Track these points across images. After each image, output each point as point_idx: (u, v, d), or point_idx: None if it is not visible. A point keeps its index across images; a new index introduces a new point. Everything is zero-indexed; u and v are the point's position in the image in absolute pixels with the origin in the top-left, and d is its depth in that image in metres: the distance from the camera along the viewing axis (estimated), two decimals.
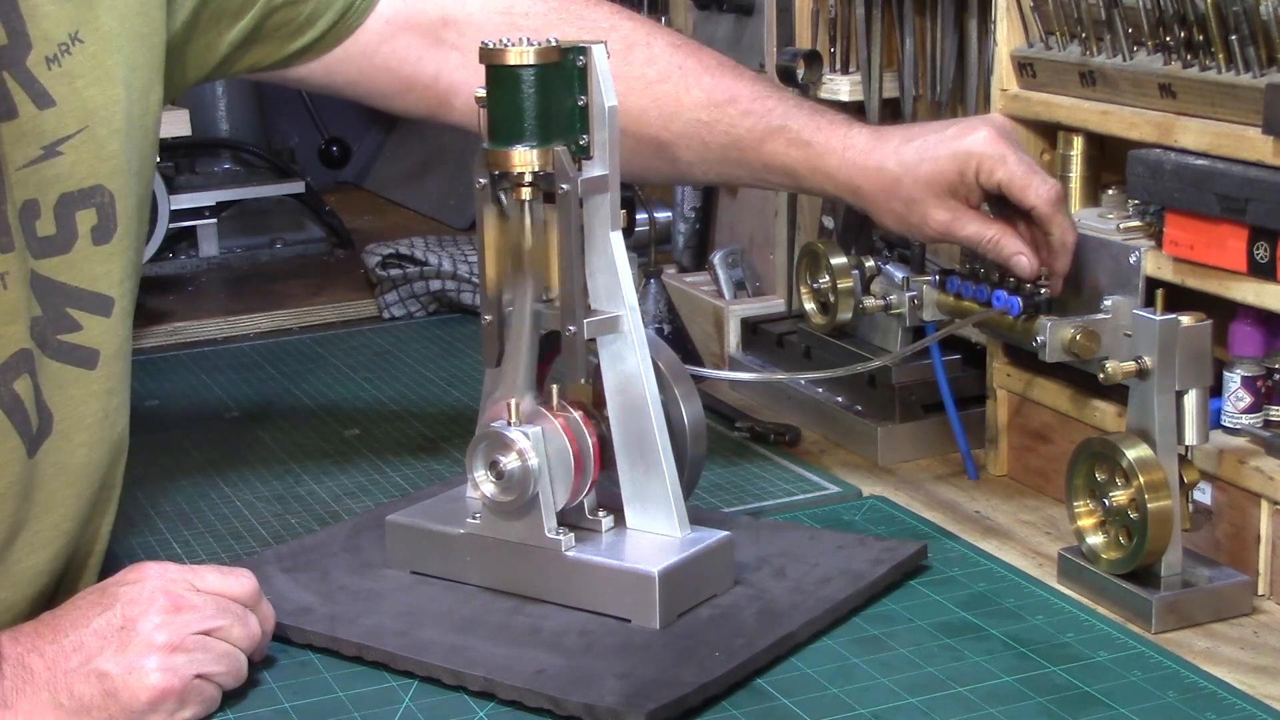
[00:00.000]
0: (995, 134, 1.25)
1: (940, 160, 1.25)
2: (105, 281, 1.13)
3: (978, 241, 1.26)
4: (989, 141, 1.24)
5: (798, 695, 1.05)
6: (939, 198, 1.26)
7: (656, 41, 1.34)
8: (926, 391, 1.47)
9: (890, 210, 1.28)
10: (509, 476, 1.13)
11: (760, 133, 1.31)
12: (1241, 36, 1.13)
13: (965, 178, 1.25)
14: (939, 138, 1.26)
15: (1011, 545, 1.29)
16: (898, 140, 1.28)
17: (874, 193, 1.28)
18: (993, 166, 1.24)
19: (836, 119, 1.31)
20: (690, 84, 1.33)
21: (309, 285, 2.15)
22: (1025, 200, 1.24)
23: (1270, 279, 1.12)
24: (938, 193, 1.26)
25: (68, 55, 1.09)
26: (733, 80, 1.33)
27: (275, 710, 1.05)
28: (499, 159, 1.12)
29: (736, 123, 1.32)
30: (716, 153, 1.33)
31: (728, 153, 1.33)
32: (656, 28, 1.37)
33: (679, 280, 1.85)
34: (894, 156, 1.27)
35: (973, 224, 1.26)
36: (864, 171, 1.28)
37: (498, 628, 1.12)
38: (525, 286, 1.15)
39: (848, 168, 1.28)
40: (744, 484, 1.43)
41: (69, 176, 1.10)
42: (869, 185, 1.28)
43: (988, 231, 1.26)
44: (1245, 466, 1.17)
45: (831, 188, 1.31)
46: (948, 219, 1.26)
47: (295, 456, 1.53)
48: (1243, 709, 1.02)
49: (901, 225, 1.29)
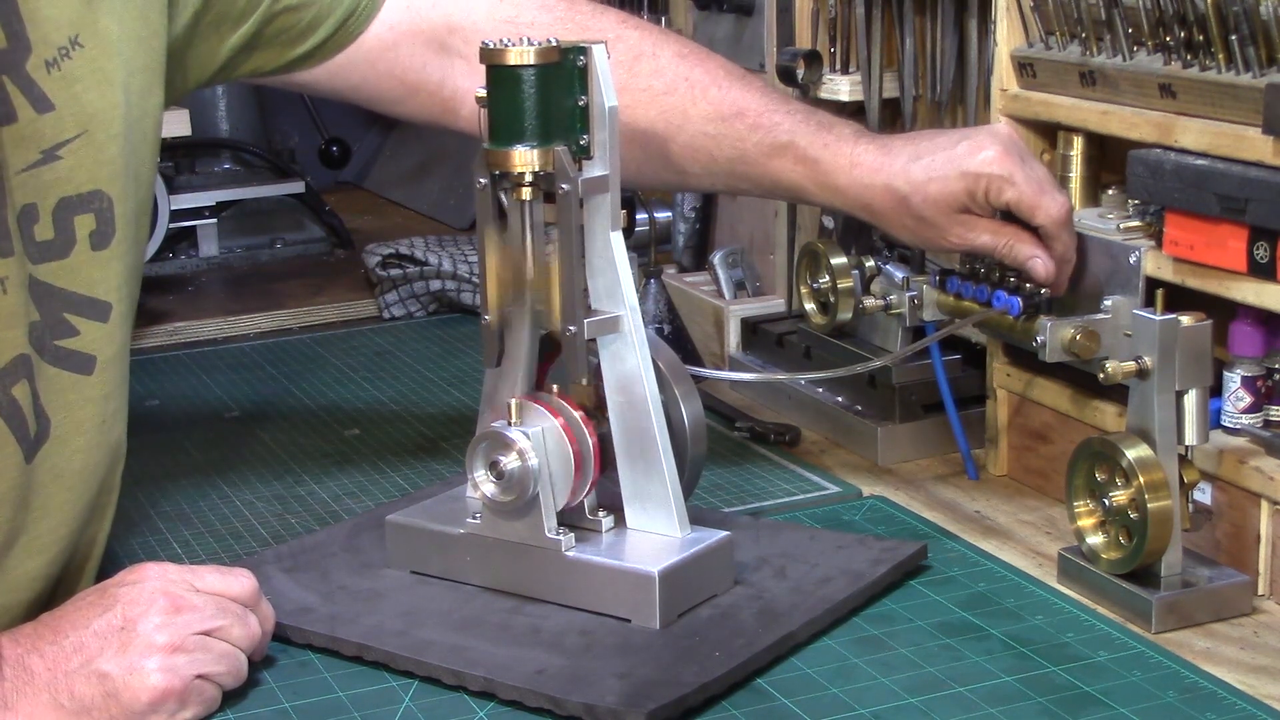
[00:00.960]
0: (1003, 152, 1.25)
1: (949, 181, 1.25)
2: (103, 287, 1.13)
3: (992, 249, 1.27)
4: (997, 162, 1.25)
5: (798, 695, 1.05)
6: (950, 216, 1.27)
7: (663, 52, 1.34)
8: (926, 391, 1.47)
9: (902, 226, 1.29)
10: (509, 476, 1.13)
11: (767, 148, 1.31)
12: (1241, 36, 1.13)
13: (975, 198, 1.26)
14: (947, 156, 1.26)
15: (1011, 545, 1.29)
16: (905, 158, 1.28)
17: (884, 210, 1.29)
18: (1001, 187, 1.24)
19: (844, 133, 1.31)
20: (697, 96, 1.32)
21: (309, 285, 2.15)
22: (1033, 220, 1.25)
23: (1270, 279, 1.12)
24: (947, 210, 1.26)
25: (67, 59, 1.09)
26: (741, 92, 1.33)
27: (275, 710, 1.05)
28: (499, 159, 1.12)
29: (744, 137, 1.31)
30: (724, 166, 1.33)
31: (735, 166, 1.33)
32: (663, 36, 1.37)
33: (679, 280, 1.85)
34: (902, 176, 1.27)
35: (985, 233, 1.27)
36: (872, 190, 1.28)
37: (498, 628, 1.12)
38: (526, 298, 1.15)
39: (856, 186, 1.29)
40: (744, 484, 1.43)
41: (68, 181, 1.10)
42: (878, 203, 1.28)
43: (1001, 239, 1.27)
44: (1245, 466, 1.17)
45: (841, 204, 1.32)
46: (963, 232, 1.27)
47: (295, 456, 1.53)
48: (1243, 709, 1.02)
49: (915, 239, 1.31)
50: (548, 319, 1.15)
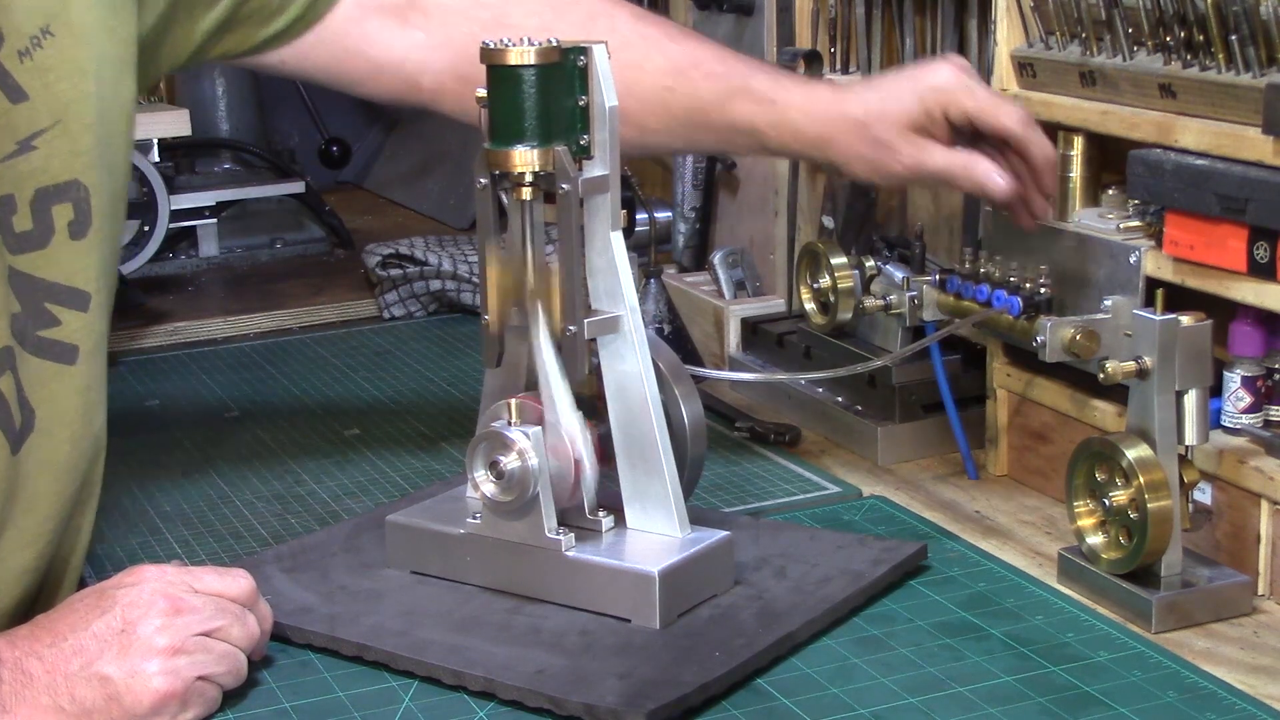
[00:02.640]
0: (958, 71, 1.28)
1: (904, 99, 1.27)
2: (83, 276, 1.13)
3: (947, 170, 1.27)
4: (953, 76, 1.27)
5: (798, 695, 1.05)
6: (906, 136, 1.27)
7: (619, 12, 1.35)
8: (926, 391, 1.47)
9: (859, 155, 1.29)
10: (509, 476, 1.13)
11: (723, 94, 1.32)
12: (1241, 36, 1.13)
13: (932, 115, 1.26)
14: (901, 79, 1.29)
15: (1011, 545, 1.29)
16: (860, 88, 1.31)
17: (840, 140, 1.29)
18: (960, 98, 1.26)
19: (798, 77, 1.34)
20: (652, 51, 1.33)
21: (309, 285, 2.15)
22: (998, 124, 1.25)
23: (1270, 279, 1.12)
24: (904, 132, 1.27)
25: (39, 49, 1.08)
26: (695, 45, 1.35)
27: (275, 710, 1.05)
28: (499, 159, 1.12)
29: (700, 85, 1.33)
30: (681, 117, 1.34)
31: (692, 116, 1.34)
32: (621, 2, 1.38)
33: (679, 280, 1.85)
34: (858, 103, 1.29)
35: (940, 154, 1.27)
36: (829, 121, 1.29)
37: (498, 628, 1.12)
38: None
39: (812, 120, 1.30)
40: (744, 484, 1.43)
41: (44, 171, 1.09)
42: (835, 133, 1.29)
43: (957, 158, 1.27)
44: (1245, 466, 1.17)
45: (797, 144, 1.33)
46: (915, 153, 1.27)
47: (295, 456, 1.53)
48: (1243, 709, 1.02)
49: (870, 170, 1.31)
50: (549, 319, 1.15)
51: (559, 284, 1.13)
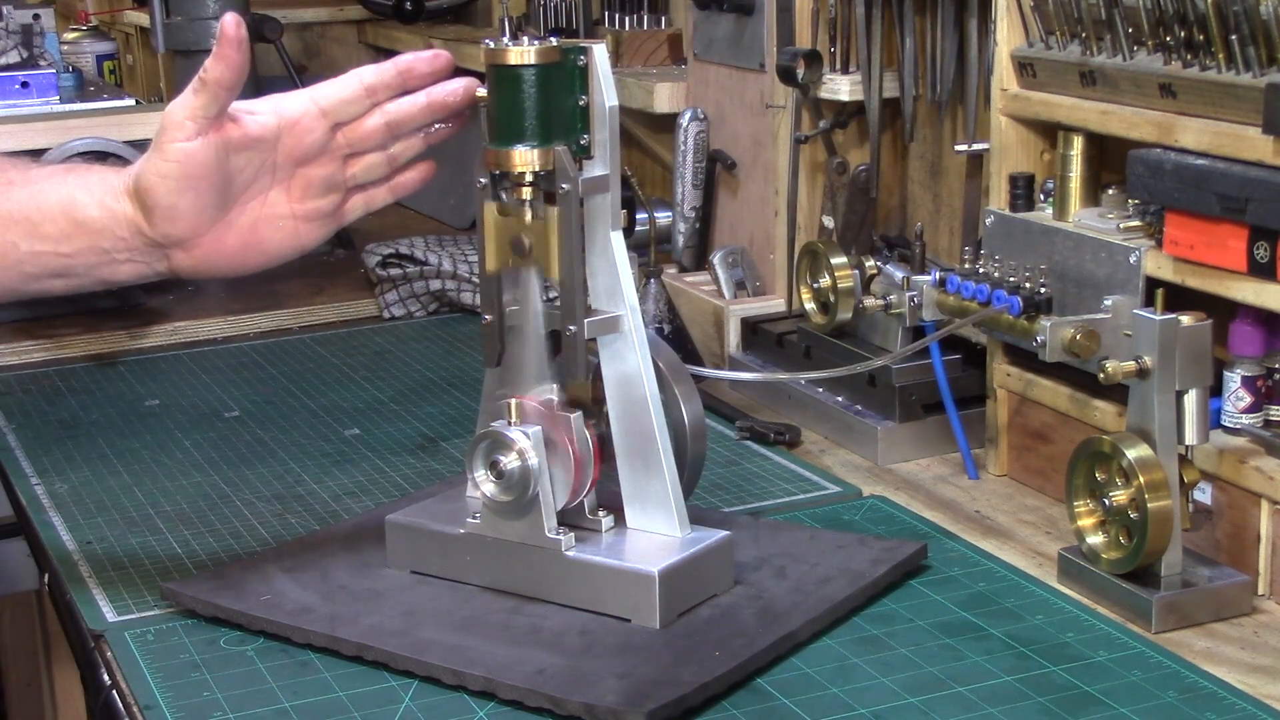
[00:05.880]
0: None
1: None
2: None
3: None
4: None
5: (798, 695, 1.05)
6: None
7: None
8: (926, 391, 1.47)
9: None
10: (509, 476, 1.13)
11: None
12: (1241, 36, 1.13)
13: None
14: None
15: (1011, 545, 1.29)
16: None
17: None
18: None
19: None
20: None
21: (309, 285, 2.15)
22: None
23: (1270, 279, 1.12)
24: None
25: None
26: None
27: (275, 710, 1.05)
28: (500, 158, 1.12)
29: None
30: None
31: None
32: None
33: (679, 280, 1.85)
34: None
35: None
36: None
37: (498, 627, 1.12)
38: (528, 283, 1.15)
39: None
40: (744, 484, 1.43)
41: None
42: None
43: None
44: (1245, 466, 1.17)
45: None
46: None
47: (295, 456, 1.53)
48: (1243, 709, 1.02)
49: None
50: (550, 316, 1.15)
51: (556, 232, 1.12)
